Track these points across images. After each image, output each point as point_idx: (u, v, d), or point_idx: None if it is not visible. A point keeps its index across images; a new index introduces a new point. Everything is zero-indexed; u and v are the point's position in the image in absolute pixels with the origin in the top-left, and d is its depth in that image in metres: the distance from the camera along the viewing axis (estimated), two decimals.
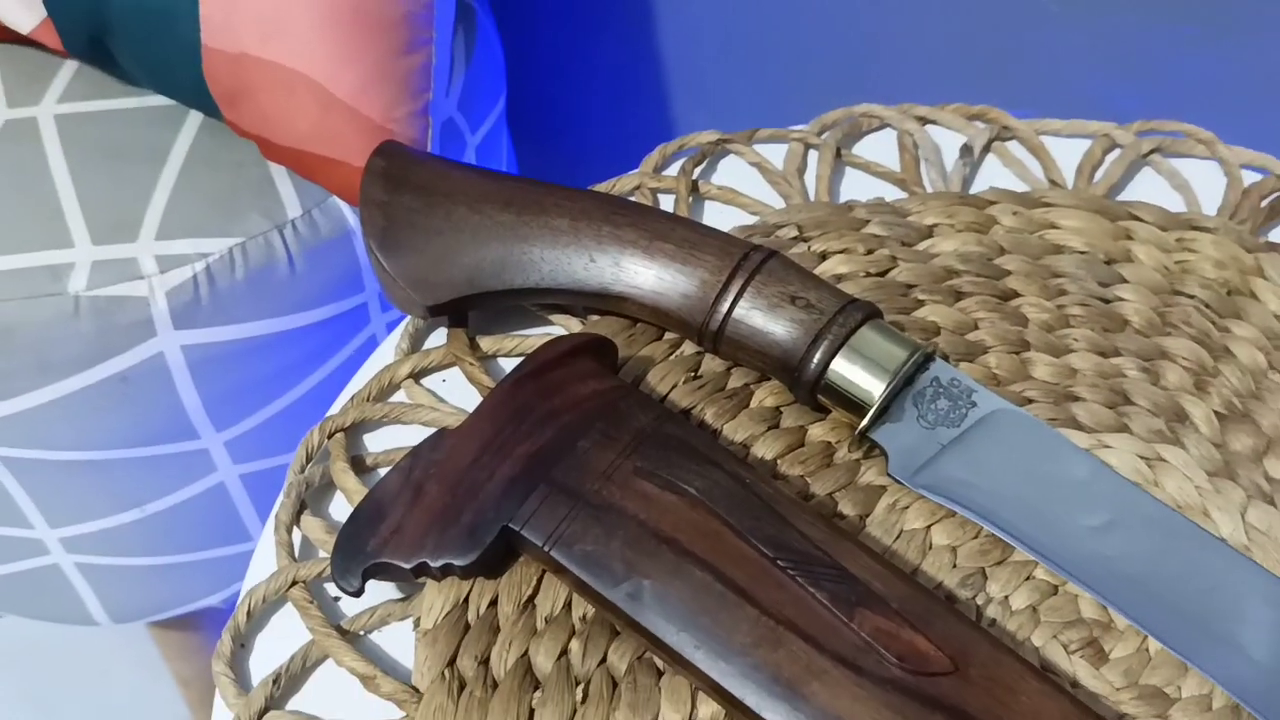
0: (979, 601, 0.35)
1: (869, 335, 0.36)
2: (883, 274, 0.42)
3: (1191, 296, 0.41)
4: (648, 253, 0.38)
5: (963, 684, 0.30)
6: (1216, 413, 0.38)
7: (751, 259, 0.37)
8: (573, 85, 0.82)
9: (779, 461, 0.37)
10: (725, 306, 0.37)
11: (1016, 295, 0.41)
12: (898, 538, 0.36)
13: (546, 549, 0.33)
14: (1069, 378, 0.39)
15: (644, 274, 0.38)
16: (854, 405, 0.36)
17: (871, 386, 0.36)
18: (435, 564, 0.33)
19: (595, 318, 0.41)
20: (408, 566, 0.33)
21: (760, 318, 0.37)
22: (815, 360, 0.36)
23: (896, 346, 0.36)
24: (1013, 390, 0.39)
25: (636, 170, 0.46)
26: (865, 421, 0.36)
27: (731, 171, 0.47)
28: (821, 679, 0.30)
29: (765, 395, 0.39)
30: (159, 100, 0.59)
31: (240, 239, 0.55)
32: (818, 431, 0.38)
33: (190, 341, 0.55)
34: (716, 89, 0.79)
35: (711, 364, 0.39)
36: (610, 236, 0.39)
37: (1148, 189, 0.46)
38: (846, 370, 0.36)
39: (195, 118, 0.58)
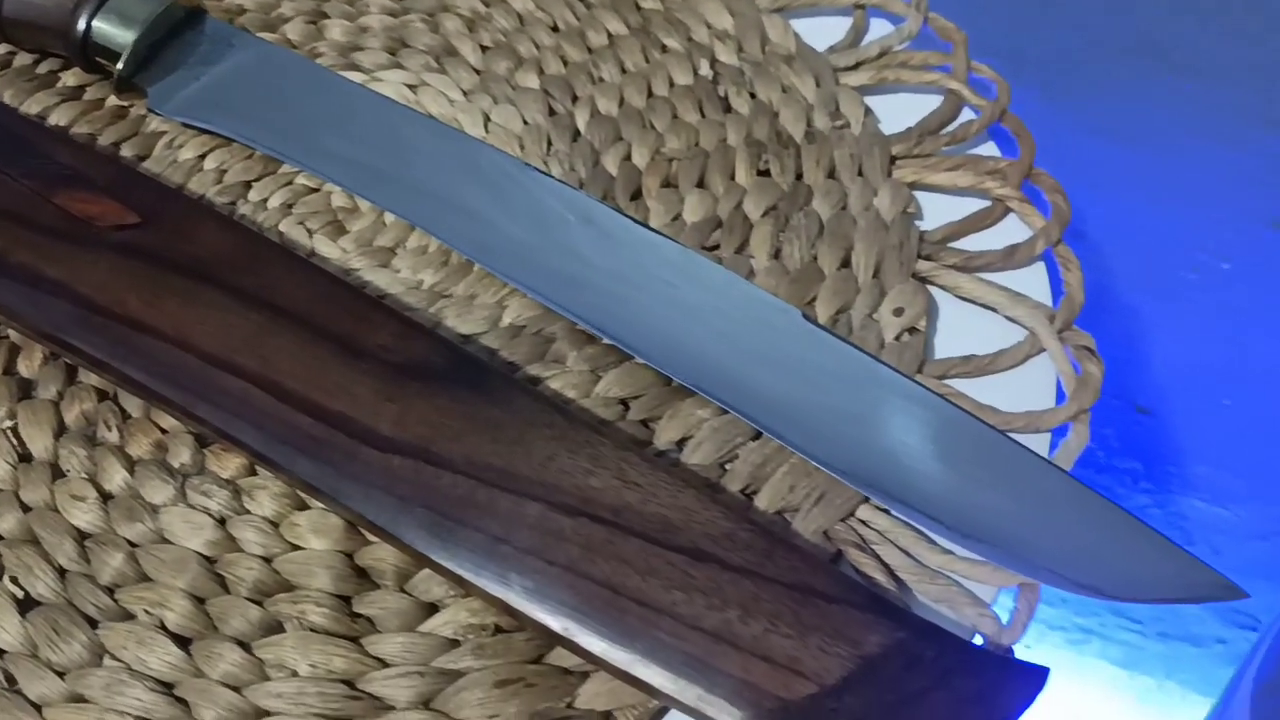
0: (238, 205, 0.39)
1: None
2: None
3: None
4: None
5: (151, 232, 0.34)
6: (482, 46, 0.44)
7: None
8: None
9: (73, 126, 0.40)
10: None
11: None
12: (169, 166, 0.39)
13: None
14: (359, 35, 0.44)
15: None
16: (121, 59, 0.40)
17: (126, 37, 0.39)
18: None
19: None
20: None
21: None
22: (79, 22, 0.39)
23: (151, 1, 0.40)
24: (305, 50, 0.43)
25: None
26: (120, 66, 0.39)
27: None
28: (37, 250, 0.33)
29: (70, 78, 0.42)
30: None
31: None
32: (115, 100, 0.41)
33: None
34: None
35: (22, 59, 0.42)
36: None
37: None
38: (107, 27, 0.39)
39: None
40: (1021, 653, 0.30)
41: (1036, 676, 0.27)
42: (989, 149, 0.42)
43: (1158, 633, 0.86)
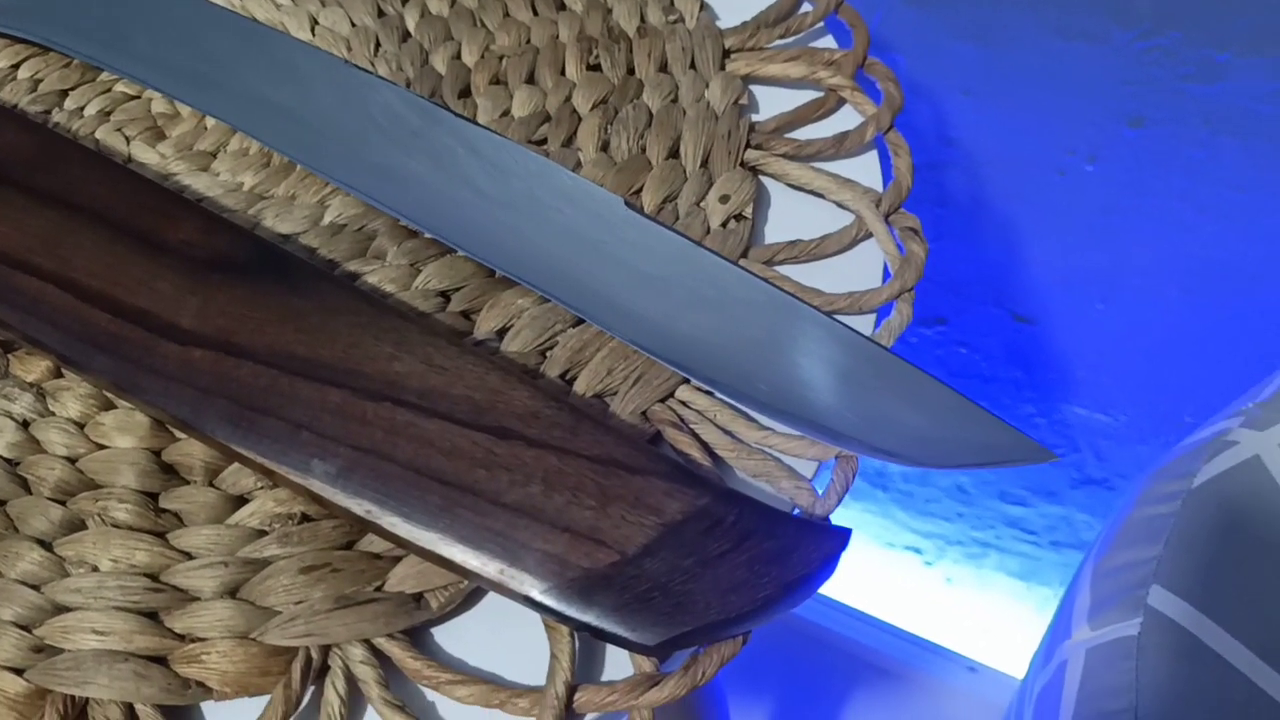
0: (52, 114, 0.38)
1: None
2: None
3: None
4: None
5: None
6: None
7: None
8: None
9: None
10: None
11: None
12: None
13: None
14: None
15: None
16: None
17: None
18: None
19: None
20: None
21: None
22: None
23: None
24: None
25: None
26: None
27: None
28: None
29: None
30: None
31: None
32: None
33: None
34: None
35: None
36: None
37: None
38: None
39: None
40: (921, 570, 0.30)
41: (838, 537, 0.28)
42: (828, 43, 0.42)
43: (1051, 542, 0.88)
